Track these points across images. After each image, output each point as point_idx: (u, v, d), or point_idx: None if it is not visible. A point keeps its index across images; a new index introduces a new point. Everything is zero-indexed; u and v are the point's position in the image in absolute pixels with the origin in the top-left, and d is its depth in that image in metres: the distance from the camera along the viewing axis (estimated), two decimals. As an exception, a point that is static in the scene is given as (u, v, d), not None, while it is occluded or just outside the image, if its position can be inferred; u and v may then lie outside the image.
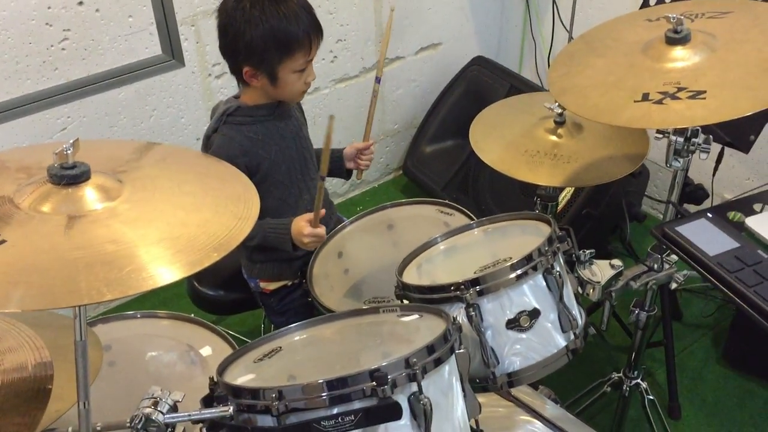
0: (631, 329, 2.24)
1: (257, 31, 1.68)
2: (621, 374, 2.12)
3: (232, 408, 1.14)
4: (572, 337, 1.51)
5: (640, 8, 2.15)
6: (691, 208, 2.24)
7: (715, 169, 2.20)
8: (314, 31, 1.74)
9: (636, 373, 2.08)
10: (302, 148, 1.93)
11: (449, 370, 1.26)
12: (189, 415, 1.12)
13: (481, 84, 3.07)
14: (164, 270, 0.86)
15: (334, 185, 3.23)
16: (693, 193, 2.16)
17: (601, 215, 2.72)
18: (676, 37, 1.51)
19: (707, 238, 1.29)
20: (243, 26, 1.69)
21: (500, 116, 2.06)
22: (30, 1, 2.17)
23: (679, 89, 1.43)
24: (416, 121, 3.27)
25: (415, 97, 3.27)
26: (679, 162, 1.67)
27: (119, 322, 1.77)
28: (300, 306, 2.01)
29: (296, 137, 1.92)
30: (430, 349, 1.23)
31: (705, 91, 1.40)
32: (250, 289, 2.09)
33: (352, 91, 3.05)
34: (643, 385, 2.09)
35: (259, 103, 1.83)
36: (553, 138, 1.94)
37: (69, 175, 0.94)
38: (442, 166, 3.09)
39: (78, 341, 0.99)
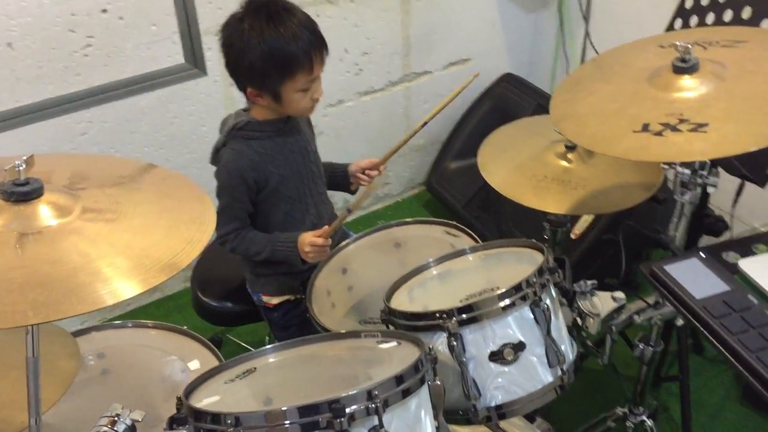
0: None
1: (256, 54, 1.67)
2: (626, 409, 2.04)
3: (186, 431, 1.12)
4: (559, 372, 1.45)
5: (666, 30, 2.08)
6: (710, 240, 2.16)
7: (735, 200, 2.11)
8: (316, 48, 1.70)
9: (641, 409, 2.00)
10: (310, 163, 1.92)
11: (418, 403, 1.22)
12: (143, 436, 1.11)
13: (509, 101, 3.02)
14: (95, 296, 0.85)
15: (356, 197, 3.21)
16: (713, 225, 2.08)
17: (623, 241, 2.64)
18: (683, 66, 1.44)
19: (697, 279, 1.22)
20: (242, 48, 1.68)
21: (511, 138, 2.01)
22: (54, 8, 2.20)
23: (681, 121, 1.36)
24: (442, 136, 3.24)
25: (442, 112, 3.22)
26: (687, 195, 1.60)
27: (112, 330, 1.78)
28: (303, 322, 1.99)
29: (304, 152, 1.91)
30: (398, 379, 1.20)
31: (707, 124, 1.34)
32: (254, 302, 2.09)
33: (376, 105, 3.02)
34: (649, 423, 2.00)
35: (268, 118, 1.83)
36: (563, 163, 1.89)
37: (19, 192, 0.94)
38: (465, 183, 3.05)
39: (30, 358, 0.99)
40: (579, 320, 1.74)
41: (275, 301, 2.01)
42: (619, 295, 1.72)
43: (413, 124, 3.19)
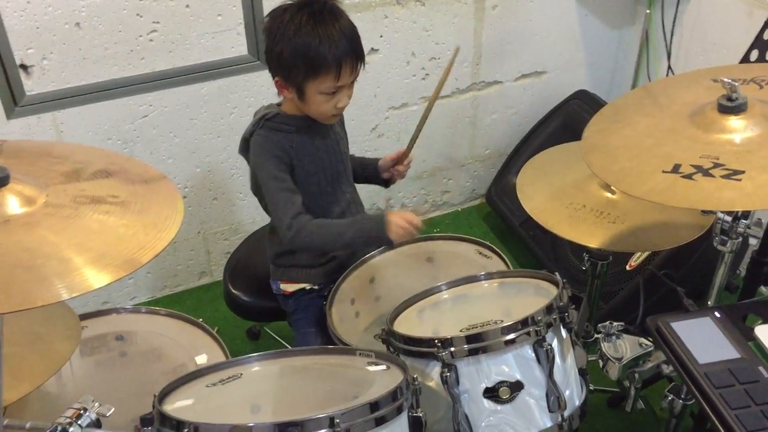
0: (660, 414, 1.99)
1: (288, 46, 1.67)
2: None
3: (148, 432, 1.11)
4: (559, 419, 1.37)
5: (740, 62, 1.93)
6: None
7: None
8: (348, 58, 1.68)
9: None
10: (336, 162, 1.89)
11: (389, 435, 1.17)
12: (102, 433, 1.11)
13: (580, 119, 2.89)
14: (24, 296, 0.84)
15: (414, 202, 3.17)
16: (771, 274, 1.92)
17: (682, 279, 2.48)
18: (729, 106, 1.32)
19: (704, 341, 1.12)
20: (278, 38, 1.70)
21: (556, 161, 1.92)
22: (123, -9, 2.26)
23: (716, 165, 1.25)
24: (508, 148, 3.14)
25: (510, 125, 3.14)
26: (726, 244, 1.48)
27: (126, 314, 1.82)
28: (313, 309, 1.97)
29: (331, 151, 1.89)
30: (373, 406, 1.16)
31: (743, 172, 1.22)
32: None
33: (441, 111, 2.96)
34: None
35: (297, 114, 1.82)
36: (606, 194, 1.78)
37: (-20, 179, 0.95)
38: (525, 200, 2.94)
39: (-7, 343, 1.00)
40: (600, 363, 1.65)
41: (291, 288, 1.99)
42: (647, 341, 1.61)
43: (479, 133, 3.12)
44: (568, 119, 2.97)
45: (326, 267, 1.96)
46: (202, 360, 1.70)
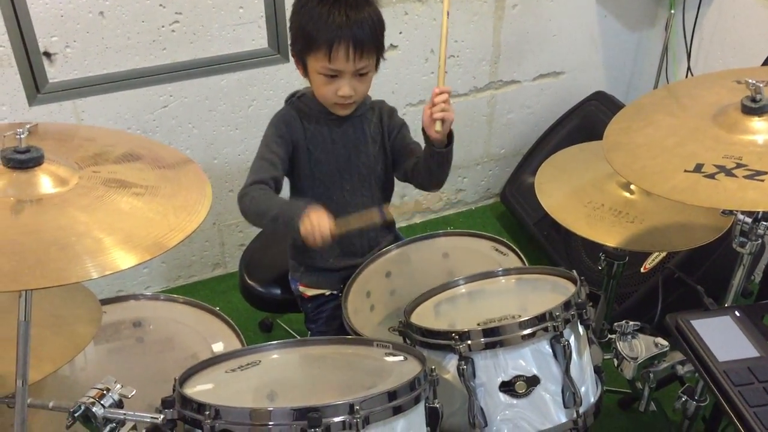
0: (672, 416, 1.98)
1: (296, 17, 1.71)
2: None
3: (163, 416, 1.12)
4: (574, 415, 1.37)
5: (762, 64, 1.93)
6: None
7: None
8: (341, 42, 1.64)
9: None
10: (355, 158, 1.87)
11: (406, 424, 1.18)
12: (124, 414, 1.12)
13: (597, 121, 2.89)
14: (58, 273, 0.86)
15: (429, 200, 3.17)
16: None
17: (698, 282, 2.47)
18: (753, 107, 1.33)
19: (724, 339, 1.12)
20: (294, 8, 1.73)
21: (575, 160, 1.93)
22: (147, -18, 2.27)
23: (738, 165, 1.26)
24: (524, 148, 3.14)
25: (527, 124, 3.14)
26: (746, 245, 1.48)
27: (145, 300, 1.83)
28: (332, 317, 1.98)
29: (351, 146, 1.86)
30: (390, 395, 1.17)
31: (766, 173, 1.23)
32: (296, 291, 2.09)
33: (458, 109, 2.92)
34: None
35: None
36: (625, 194, 1.79)
37: (17, 159, 0.96)
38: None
39: (21, 321, 1.01)
40: (615, 362, 1.65)
41: (310, 292, 2.00)
42: (663, 341, 1.61)
43: (495, 132, 3.13)
44: (585, 120, 2.97)
45: (345, 272, 1.94)
46: (218, 348, 1.71)
